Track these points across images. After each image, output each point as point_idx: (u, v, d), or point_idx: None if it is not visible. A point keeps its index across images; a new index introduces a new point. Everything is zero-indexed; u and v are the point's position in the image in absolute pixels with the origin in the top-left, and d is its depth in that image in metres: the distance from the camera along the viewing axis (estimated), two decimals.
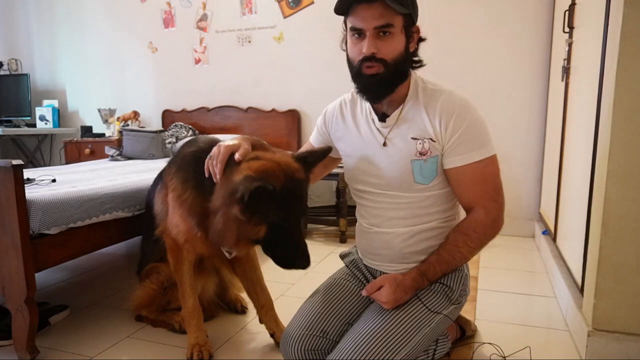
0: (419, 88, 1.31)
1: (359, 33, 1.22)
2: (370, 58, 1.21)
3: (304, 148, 1.56)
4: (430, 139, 1.26)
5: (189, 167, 1.48)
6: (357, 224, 1.49)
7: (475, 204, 1.29)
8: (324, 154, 1.40)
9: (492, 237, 1.29)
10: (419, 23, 1.29)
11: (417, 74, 1.35)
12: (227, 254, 1.54)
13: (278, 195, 1.24)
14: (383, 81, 1.24)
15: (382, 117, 1.33)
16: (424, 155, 1.27)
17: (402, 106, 1.30)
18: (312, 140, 1.56)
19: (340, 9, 1.24)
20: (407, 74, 1.30)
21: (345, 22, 1.28)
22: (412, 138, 1.28)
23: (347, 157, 1.43)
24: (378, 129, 1.34)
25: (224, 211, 1.28)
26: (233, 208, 1.25)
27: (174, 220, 1.53)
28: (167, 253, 1.64)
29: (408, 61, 1.29)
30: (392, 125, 1.31)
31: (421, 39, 1.32)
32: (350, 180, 1.43)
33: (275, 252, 1.32)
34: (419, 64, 1.34)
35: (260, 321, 1.71)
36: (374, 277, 1.45)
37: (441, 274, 1.29)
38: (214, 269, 1.78)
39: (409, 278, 1.26)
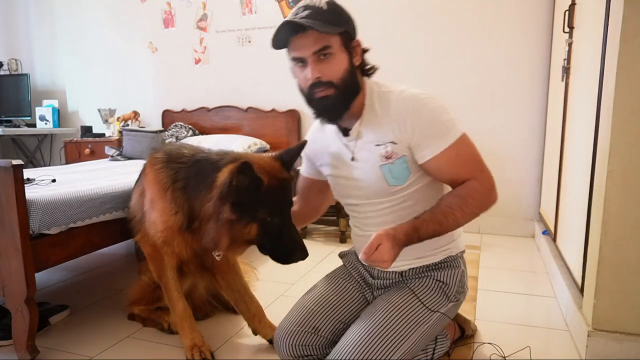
0: (374, 95, 1.32)
1: (301, 61, 1.24)
2: (317, 84, 1.23)
3: (300, 183, 1.58)
4: (392, 142, 1.28)
5: (175, 166, 1.48)
6: (352, 231, 1.52)
7: (465, 180, 1.27)
8: (299, 149, 1.45)
9: (486, 207, 1.26)
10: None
11: (374, 78, 1.36)
12: (216, 257, 1.55)
13: (264, 192, 1.28)
14: (335, 102, 1.26)
15: (345, 132, 1.35)
16: (389, 158, 1.29)
17: (360, 119, 1.32)
18: (303, 171, 1.58)
19: (278, 45, 1.27)
20: (359, 87, 1.31)
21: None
22: (375, 145, 1.30)
23: (330, 177, 1.47)
24: (345, 145, 1.37)
25: (216, 217, 1.31)
26: (223, 210, 1.29)
27: (152, 217, 1.53)
28: (148, 262, 1.63)
29: (355, 76, 1.29)
30: (356, 138, 1.34)
31: (365, 50, 1.33)
32: (338, 197, 1.48)
33: (271, 249, 1.36)
34: (372, 70, 1.35)
35: (255, 332, 1.67)
36: (372, 277, 1.46)
37: (432, 233, 1.22)
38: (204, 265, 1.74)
39: (401, 232, 1.18)
